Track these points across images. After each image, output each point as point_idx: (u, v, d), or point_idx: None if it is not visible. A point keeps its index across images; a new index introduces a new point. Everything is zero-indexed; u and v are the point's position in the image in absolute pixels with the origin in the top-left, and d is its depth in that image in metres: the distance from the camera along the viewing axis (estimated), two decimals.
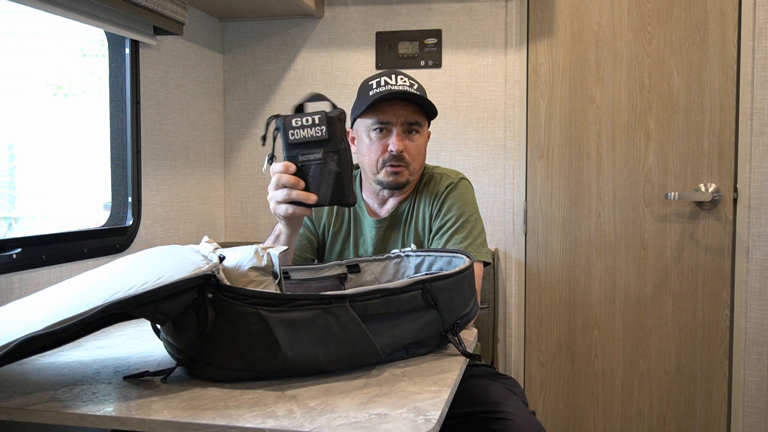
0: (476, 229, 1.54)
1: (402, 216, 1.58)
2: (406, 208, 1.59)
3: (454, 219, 1.52)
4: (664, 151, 2.29)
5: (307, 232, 1.65)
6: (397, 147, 1.48)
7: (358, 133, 1.55)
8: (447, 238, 1.51)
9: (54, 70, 2.25)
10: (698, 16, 2.25)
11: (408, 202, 1.59)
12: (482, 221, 1.58)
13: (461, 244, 1.49)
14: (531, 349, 2.42)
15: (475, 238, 1.52)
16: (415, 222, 1.57)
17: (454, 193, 1.56)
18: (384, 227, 1.58)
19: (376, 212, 1.61)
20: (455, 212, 1.53)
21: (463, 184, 1.59)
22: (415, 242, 1.56)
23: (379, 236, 1.58)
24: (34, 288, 1.53)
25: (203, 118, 2.38)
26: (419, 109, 1.51)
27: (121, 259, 1.16)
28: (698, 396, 2.31)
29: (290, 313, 1.00)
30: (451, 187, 1.57)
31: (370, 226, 1.59)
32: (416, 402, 0.93)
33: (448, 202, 1.55)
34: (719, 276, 2.27)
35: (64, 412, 0.91)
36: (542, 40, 2.35)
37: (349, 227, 1.62)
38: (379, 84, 1.50)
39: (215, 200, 2.50)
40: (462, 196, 1.56)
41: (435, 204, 1.56)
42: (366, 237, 1.59)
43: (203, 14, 2.38)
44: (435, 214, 1.55)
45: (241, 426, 0.84)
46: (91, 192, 2.25)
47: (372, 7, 2.42)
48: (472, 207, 1.56)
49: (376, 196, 1.60)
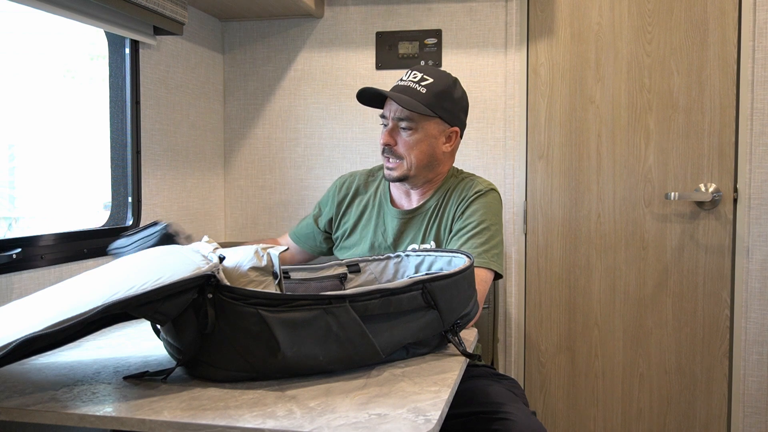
0: (495, 239, 1.53)
1: (427, 212, 1.61)
2: (432, 206, 1.61)
3: (475, 224, 1.52)
4: (664, 151, 2.29)
5: (314, 225, 1.76)
6: (383, 140, 1.57)
7: None
8: (464, 241, 1.51)
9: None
10: (698, 16, 2.24)
11: (434, 200, 1.61)
12: (503, 235, 1.58)
13: (477, 249, 1.48)
14: (531, 350, 2.42)
15: (492, 247, 1.51)
16: (438, 221, 1.59)
17: (481, 200, 1.57)
18: (407, 219, 1.62)
19: (401, 204, 1.66)
20: (477, 218, 1.53)
21: (492, 194, 1.60)
22: (435, 241, 1.58)
23: (400, 227, 1.61)
24: (34, 288, 1.53)
25: (203, 118, 2.38)
26: None
27: (121, 260, 1.16)
28: (698, 396, 2.31)
29: (290, 313, 1.00)
30: (479, 194, 1.58)
31: (393, 216, 1.63)
32: (416, 402, 0.93)
33: (473, 207, 1.55)
34: (719, 276, 2.27)
35: (64, 412, 0.91)
36: (542, 40, 2.35)
37: (371, 216, 1.67)
38: (400, 78, 1.58)
39: (215, 200, 2.50)
40: (488, 205, 1.56)
41: (460, 207, 1.57)
42: (387, 227, 1.63)
43: (203, 14, 2.38)
44: (457, 217, 1.56)
45: (241, 426, 0.84)
46: (91, 192, 2.25)
47: (372, 7, 2.42)
48: (495, 217, 1.56)
49: (400, 189, 1.66)
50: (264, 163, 2.53)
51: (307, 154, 2.49)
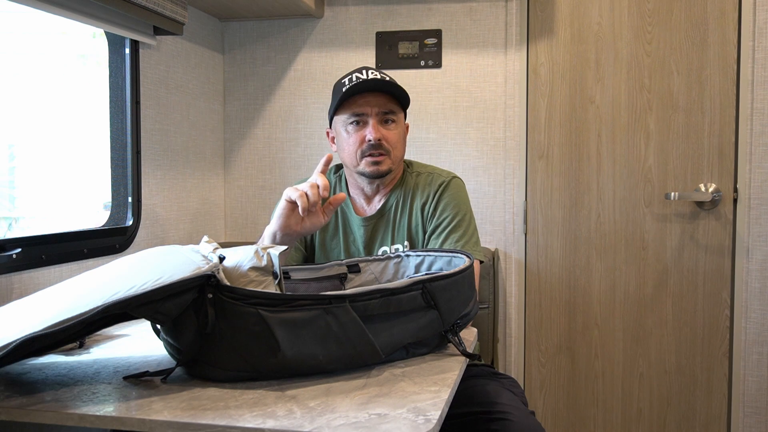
0: (471, 228, 1.57)
1: (390, 212, 1.59)
2: (393, 204, 1.60)
3: (450, 218, 1.55)
4: (664, 151, 2.29)
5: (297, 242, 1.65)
6: (375, 135, 1.50)
7: (337, 131, 1.58)
8: (444, 238, 1.53)
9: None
10: (698, 16, 2.24)
11: (395, 198, 1.60)
12: (475, 220, 1.61)
13: (458, 243, 1.52)
14: (531, 349, 2.42)
15: (470, 237, 1.55)
16: (407, 220, 1.58)
17: (448, 192, 1.58)
18: (372, 225, 1.59)
19: (363, 210, 1.62)
20: (450, 212, 1.55)
21: (455, 182, 1.61)
22: (408, 240, 1.57)
23: (368, 234, 1.59)
24: (34, 288, 1.53)
25: (203, 118, 2.38)
26: (392, 98, 1.54)
27: (121, 260, 1.16)
28: (698, 396, 2.31)
29: (290, 313, 1.00)
30: (444, 186, 1.59)
31: (358, 224, 1.60)
32: (416, 402, 0.93)
33: (443, 202, 1.57)
34: (719, 276, 2.27)
35: (64, 412, 0.91)
36: (542, 40, 2.35)
37: (337, 227, 1.63)
38: (351, 80, 1.53)
39: (215, 200, 2.50)
40: (456, 196, 1.58)
41: (429, 204, 1.57)
42: (356, 236, 1.60)
43: (203, 14, 2.38)
44: (430, 215, 1.57)
45: (241, 426, 0.84)
46: (91, 192, 2.25)
47: (372, 7, 2.42)
48: (465, 206, 1.59)
49: (362, 193, 1.62)
50: (264, 163, 2.53)
51: (307, 154, 2.49)
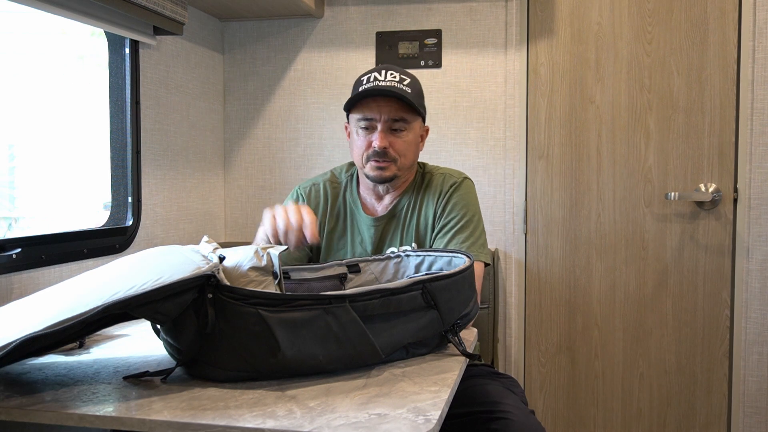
0: (478, 230, 1.55)
1: (401, 213, 1.58)
2: (405, 206, 1.58)
3: (458, 219, 1.53)
4: (664, 151, 2.29)
5: None
6: (380, 143, 1.48)
7: (351, 127, 1.58)
8: (450, 238, 1.51)
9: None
10: (698, 16, 2.24)
11: (407, 200, 1.59)
12: (483, 222, 1.59)
13: (463, 244, 1.50)
14: (531, 349, 2.42)
15: (477, 239, 1.53)
16: (416, 221, 1.57)
17: (458, 192, 1.57)
18: (382, 225, 1.57)
19: (373, 210, 1.60)
20: (458, 212, 1.54)
21: (466, 183, 1.59)
22: (416, 241, 1.56)
23: (377, 235, 1.57)
24: (34, 288, 1.53)
25: (203, 118, 2.38)
26: (405, 105, 1.50)
27: (121, 260, 1.16)
28: (698, 396, 2.31)
29: (290, 313, 1.00)
30: (454, 186, 1.57)
31: (368, 224, 1.58)
32: (416, 402, 0.93)
33: (452, 202, 1.55)
34: (719, 276, 2.27)
35: (64, 412, 0.91)
36: (542, 40, 2.35)
37: (345, 226, 1.61)
38: (369, 80, 1.51)
39: (215, 200, 2.50)
40: (465, 196, 1.57)
41: (439, 203, 1.56)
42: (364, 236, 1.58)
43: (203, 14, 2.38)
44: (439, 214, 1.55)
45: (241, 426, 0.84)
46: (91, 192, 2.25)
47: (372, 7, 2.42)
48: (474, 207, 1.57)
49: (372, 192, 1.60)
50: (264, 163, 2.53)
51: (307, 154, 2.49)
